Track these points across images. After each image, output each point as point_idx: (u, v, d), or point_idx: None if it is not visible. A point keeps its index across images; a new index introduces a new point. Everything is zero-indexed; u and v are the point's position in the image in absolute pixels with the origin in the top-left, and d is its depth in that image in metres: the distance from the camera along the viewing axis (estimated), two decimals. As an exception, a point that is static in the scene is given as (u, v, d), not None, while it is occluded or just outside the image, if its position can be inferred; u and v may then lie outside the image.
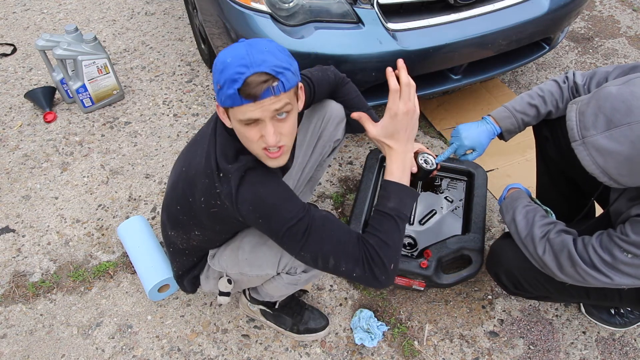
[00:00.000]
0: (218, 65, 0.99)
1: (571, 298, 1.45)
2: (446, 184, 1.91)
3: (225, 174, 1.08)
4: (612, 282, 1.14)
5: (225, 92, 0.97)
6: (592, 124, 1.00)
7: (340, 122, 1.51)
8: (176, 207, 1.28)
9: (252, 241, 1.30)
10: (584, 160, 1.03)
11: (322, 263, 1.10)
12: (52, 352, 1.62)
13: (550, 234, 1.24)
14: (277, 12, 1.78)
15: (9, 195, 2.11)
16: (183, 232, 1.32)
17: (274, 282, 1.37)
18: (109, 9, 3.22)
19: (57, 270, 1.84)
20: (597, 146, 0.99)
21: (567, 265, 1.19)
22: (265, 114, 0.99)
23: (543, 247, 1.24)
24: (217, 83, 1.00)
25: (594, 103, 1.01)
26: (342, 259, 1.08)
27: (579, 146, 1.03)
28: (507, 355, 1.62)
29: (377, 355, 1.61)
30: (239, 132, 1.06)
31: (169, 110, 2.50)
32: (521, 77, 2.70)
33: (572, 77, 1.40)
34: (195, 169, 1.16)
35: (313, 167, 1.60)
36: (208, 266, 1.42)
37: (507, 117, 1.43)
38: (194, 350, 1.63)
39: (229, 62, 0.97)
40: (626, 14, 3.18)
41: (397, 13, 1.86)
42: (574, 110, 1.05)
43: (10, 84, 2.68)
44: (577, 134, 1.03)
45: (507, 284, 1.48)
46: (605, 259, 1.12)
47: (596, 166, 1.01)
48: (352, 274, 1.09)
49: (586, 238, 1.19)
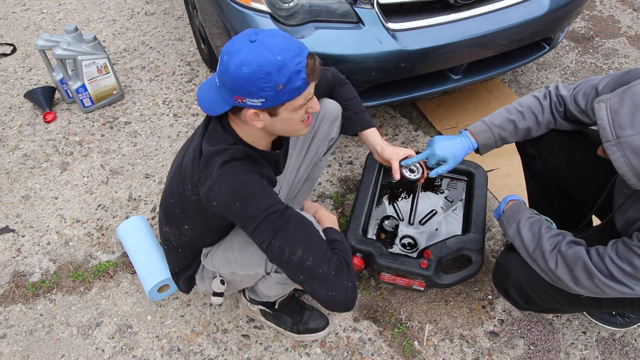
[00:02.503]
0: (269, 67, 0.97)
1: (583, 308, 1.41)
2: (446, 184, 1.91)
3: (209, 158, 1.09)
4: (633, 292, 1.10)
5: (292, 85, 1.00)
6: (628, 123, 0.95)
7: (334, 121, 1.51)
8: (170, 200, 1.28)
9: (241, 240, 1.30)
10: (617, 161, 0.98)
11: (289, 252, 1.08)
12: (52, 352, 1.62)
13: (561, 246, 1.20)
14: (277, 12, 1.78)
15: (8, 195, 2.11)
16: (175, 227, 1.32)
17: (265, 282, 1.37)
18: (109, 9, 3.22)
19: (57, 270, 1.84)
20: (633, 147, 0.95)
21: (584, 278, 1.14)
22: (314, 88, 1.07)
23: (555, 261, 1.20)
24: (276, 85, 0.99)
25: (628, 101, 0.97)
26: (310, 252, 1.09)
27: (612, 147, 0.98)
28: (508, 355, 1.62)
29: (377, 355, 1.61)
30: (286, 119, 1.09)
31: (169, 110, 2.50)
32: (521, 77, 2.70)
33: (554, 91, 1.35)
34: (187, 159, 1.17)
35: (309, 167, 1.60)
36: (202, 266, 1.42)
37: (484, 131, 1.39)
38: (194, 350, 1.62)
39: (280, 59, 0.97)
40: (626, 14, 3.18)
41: (397, 13, 1.86)
42: (603, 108, 1.00)
43: (10, 84, 2.68)
44: (611, 133, 0.98)
45: (517, 300, 1.42)
46: (625, 269, 1.08)
47: (629, 168, 0.97)
48: (318, 270, 1.08)
49: (600, 248, 1.15)
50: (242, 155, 1.12)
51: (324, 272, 1.09)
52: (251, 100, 1.01)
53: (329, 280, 1.10)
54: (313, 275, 1.10)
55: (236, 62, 0.98)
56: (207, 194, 1.09)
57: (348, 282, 1.12)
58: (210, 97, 1.09)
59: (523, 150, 1.56)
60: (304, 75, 1.00)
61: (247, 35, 1.02)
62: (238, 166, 1.10)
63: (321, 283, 1.10)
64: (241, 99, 1.02)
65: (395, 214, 1.84)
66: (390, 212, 1.83)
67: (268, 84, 0.98)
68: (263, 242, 1.09)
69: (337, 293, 1.11)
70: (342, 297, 1.12)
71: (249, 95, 1.00)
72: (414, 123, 2.43)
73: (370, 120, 1.53)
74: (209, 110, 1.10)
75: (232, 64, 0.99)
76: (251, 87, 0.99)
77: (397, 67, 1.83)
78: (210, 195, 1.08)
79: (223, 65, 1.01)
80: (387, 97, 2.01)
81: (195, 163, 1.11)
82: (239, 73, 0.98)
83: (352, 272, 1.14)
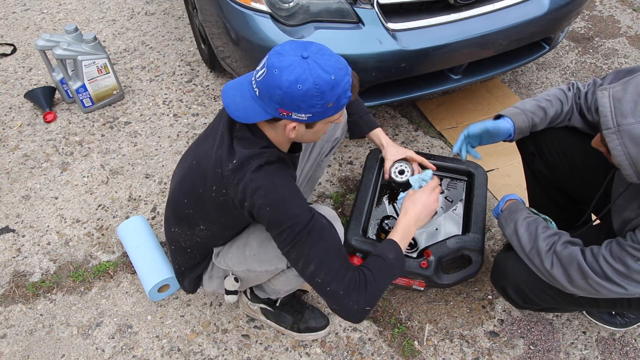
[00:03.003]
0: (324, 86, 1.00)
1: (581, 307, 1.42)
2: (446, 184, 1.91)
3: (244, 161, 1.10)
4: (626, 292, 1.10)
5: (340, 103, 1.05)
6: (630, 112, 0.94)
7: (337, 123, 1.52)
8: (183, 200, 1.28)
9: (259, 237, 1.31)
10: (615, 149, 0.97)
11: (302, 265, 1.12)
12: (52, 352, 1.62)
13: (557, 246, 1.20)
14: (277, 12, 1.78)
15: (8, 195, 2.11)
16: (188, 228, 1.32)
17: (284, 276, 1.37)
18: (109, 9, 3.22)
19: (57, 270, 1.84)
20: (632, 135, 0.94)
21: (578, 278, 1.15)
22: None
23: (550, 261, 1.20)
24: (327, 103, 1.02)
25: (632, 90, 0.96)
26: (322, 269, 1.11)
27: (611, 134, 0.97)
28: (507, 355, 1.62)
29: (377, 355, 1.61)
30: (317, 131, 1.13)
31: (169, 110, 2.50)
32: (521, 77, 2.70)
33: (576, 85, 1.41)
34: (208, 160, 1.16)
35: (312, 167, 1.61)
36: (212, 266, 1.42)
37: (519, 114, 1.41)
38: (194, 350, 1.62)
39: (334, 79, 1.01)
40: (626, 14, 3.18)
41: (397, 13, 1.86)
42: (606, 96, 0.99)
43: (10, 84, 2.68)
44: (612, 121, 0.96)
45: (515, 299, 1.43)
46: (619, 269, 1.09)
47: (626, 157, 0.96)
48: (326, 287, 1.11)
49: (595, 248, 1.15)
50: (276, 158, 1.14)
51: (332, 290, 1.11)
52: (298, 114, 1.03)
53: (336, 298, 1.12)
54: (321, 290, 1.13)
55: (291, 79, 0.99)
56: (240, 196, 1.10)
57: (357, 301, 1.12)
58: (245, 105, 1.08)
59: (523, 148, 1.56)
60: (350, 93, 1.06)
61: (296, 50, 1.02)
62: (272, 170, 1.12)
63: (328, 297, 1.14)
64: (287, 112, 1.03)
65: (395, 214, 1.84)
66: (390, 212, 1.83)
67: (320, 102, 1.01)
68: (282, 249, 1.14)
69: (340, 308, 1.13)
70: (345, 314, 1.14)
71: (298, 110, 1.02)
72: (414, 123, 2.43)
73: (375, 121, 1.58)
74: (244, 117, 1.08)
75: (286, 79, 0.99)
76: (303, 104, 1.01)
77: (397, 67, 1.83)
78: (243, 198, 1.10)
79: (273, 79, 1.00)
80: (387, 97, 2.01)
81: (225, 165, 1.11)
82: (293, 89, 0.99)
83: (368, 292, 1.13)
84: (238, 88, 1.10)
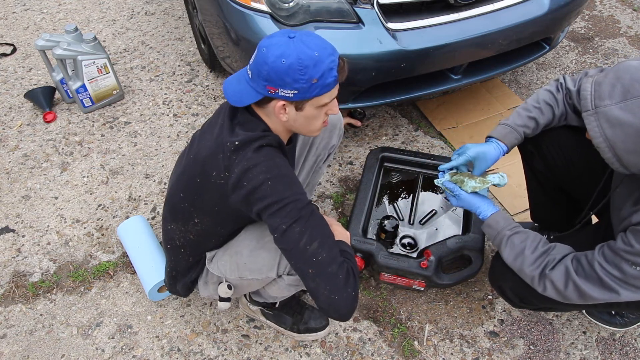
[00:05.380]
0: (307, 61, 1.04)
1: (579, 307, 1.42)
2: (446, 184, 1.91)
3: (245, 143, 1.12)
4: (618, 296, 1.10)
5: (325, 81, 1.07)
6: (607, 94, 0.97)
7: (333, 129, 1.54)
8: (179, 194, 1.29)
9: (250, 245, 1.30)
10: (592, 131, 0.99)
11: (306, 241, 1.09)
12: (52, 352, 1.62)
13: (547, 269, 1.19)
14: (277, 12, 1.78)
15: (8, 195, 2.11)
16: (182, 223, 1.32)
17: (276, 285, 1.36)
18: (109, 9, 3.22)
19: (57, 270, 1.84)
20: (608, 116, 0.96)
21: (574, 298, 1.15)
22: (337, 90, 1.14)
23: (543, 286, 1.20)
24: (310, 78, 1.05)
25: (612, 75, 0.98)
26: (324, 249, 1.11)
27: (590, 116, 0.99)
28: (507, 355, 1.62)
29: (377, 355, 1.61)
30: (309, 116, 1.14)
31: (169, 110, 2.50)
32: (521, 77, 2.70)
33: (564, 83, 1.38)
34: (206, 150, 1.18)
35: (309, 174, 1.62)
36: (207, 271, 1.42)
37: (510, 133, 1.39)
38: (194, 350, 1.62)
39: (317, 55, 1.05)
40: (626, 14, 3.18)
41: (397, 13, 1.86)
42: (589, 82, 1.02)
43: (10, 84, 2.68)
44: (591, 103, 0.99)
45: (512, 299, 1.43)
46: (615, 274, 1.08)
47: (603, 138, 0.98)
48: (328, 267, 1.10)
49: (588, 255, 1.15)
50: (277, 144, 1.17)
51: (333, 272, 1.10)
52: (284, 90, 1.07)
53: (336, 282, 1.11)
54: (322, 272, 1.10)
55: (276, 54, 1.05)
56: (239, 175, 1.11)
57: (352, 291, 1.13)
58: (240, 89, 1.14)
59: (523, 148, 1.56)
60: (335, 73, 1.08)
61: (285, 33, 1.09)
62: (273, 152, 1.14)
63: (327, 282, 1.11)
64: (274, 89, 1.07)
65: (395, 214, 1.84)
66: (390, 212, 1.84)
67: (304, 77, 1.05)
68: (284, 224, 1.09)
69: (339, 298, 1.12)
70: (342, 303, 1.12)
71: (284, 85, 1.06)
72: (414, 123, 2.43)
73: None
74: (238, 101, 1.14)
75: (272, 54, 1.05)
76: (287, 78, 1.05)
77: (397, 67, 1.83)
78: (242, 176, 1.11)
79: (261, 56, 1.07)
80: (387, 97, 2.01)
81: (227, 148, 1.13)
82: (277, 64, 1.04)
83: (357, 284, 1.16)
84: (236, 76, 1.18)
